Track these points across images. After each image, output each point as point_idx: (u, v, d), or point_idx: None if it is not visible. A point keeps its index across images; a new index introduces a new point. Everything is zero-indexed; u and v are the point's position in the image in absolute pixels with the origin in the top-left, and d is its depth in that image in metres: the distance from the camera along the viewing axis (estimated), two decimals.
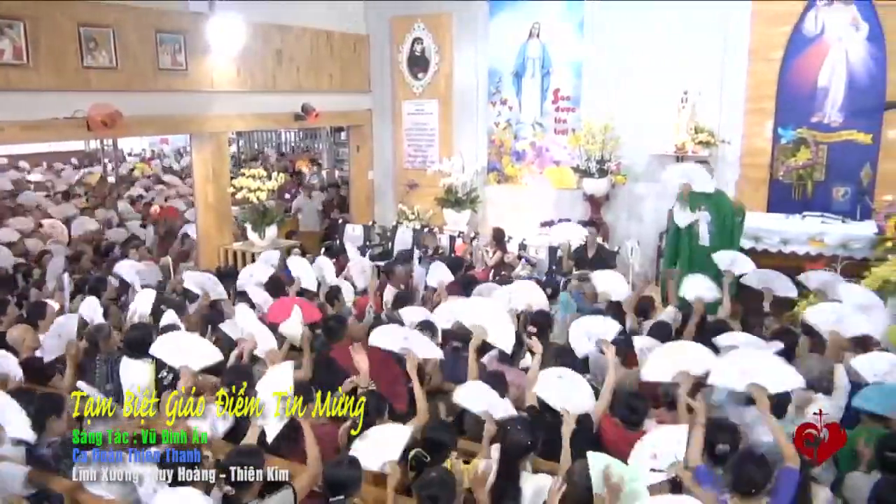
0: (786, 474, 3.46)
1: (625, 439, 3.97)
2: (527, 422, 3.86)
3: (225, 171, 9.40)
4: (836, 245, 7.67)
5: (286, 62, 9.89)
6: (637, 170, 9.83)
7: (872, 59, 8.46)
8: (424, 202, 10.94)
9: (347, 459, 3.46)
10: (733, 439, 3.76)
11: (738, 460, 3.47)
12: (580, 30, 10.02)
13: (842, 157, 8.69)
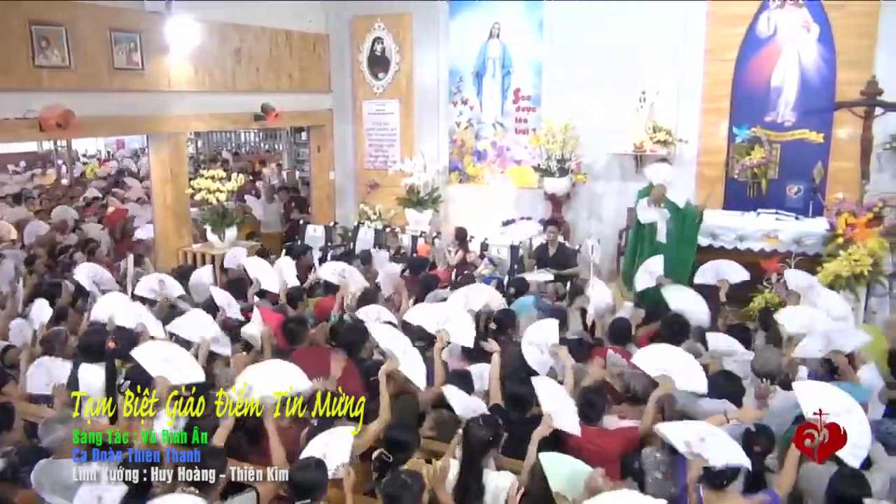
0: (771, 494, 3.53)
1: (585, 434, 4.01)
2: (488, 418, 3.87)
3: (183, 173, 9.27)
4: (790, 241, 7.85)
5: (245, 62, 9.78)
6: (597, 169, 9.94)
7: (823, 60, 8.66)
8: (386, 202, 10.91)
9: (314, 462, 3.44)
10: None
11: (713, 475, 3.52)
12: (539, 30, 10.09)
13: (794, 155, 8.88)
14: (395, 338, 4.78)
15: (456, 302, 5.78)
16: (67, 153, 15.75)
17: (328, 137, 11.65)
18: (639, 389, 4.43)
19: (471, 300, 5.84)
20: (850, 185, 8.07)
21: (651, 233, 7.30)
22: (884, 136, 8.19)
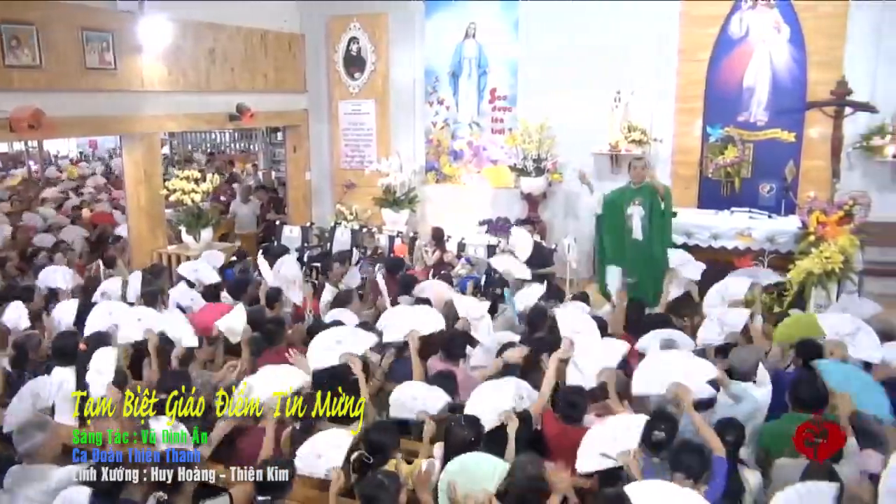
0: (717, 462, 3.60)
1: (565, 435, 4.03)
2: (470, 419, 3.87)
3: (157, 173, 9.19)
4: (763, 239, 7.94)
5: (220, 62, 9.71)
6: (573, 168, 9.97)
7: (794, 61, 8.79)
8: (363, 202, 10.89)
9: (281, 461, 3.43)
10: (670, 428, 3.86)
11: (676, 449, 3.57)
12: (515, 30, 10.13)
13: (767, 154, 9.00)
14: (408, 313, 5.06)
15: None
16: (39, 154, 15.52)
17: (304, 137, 11.60)
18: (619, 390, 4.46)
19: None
20: (822, 183, 8.18)
21: (626, 231, 7.36)
22: (853, 136, 8.32)
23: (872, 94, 7.94)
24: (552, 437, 4.12)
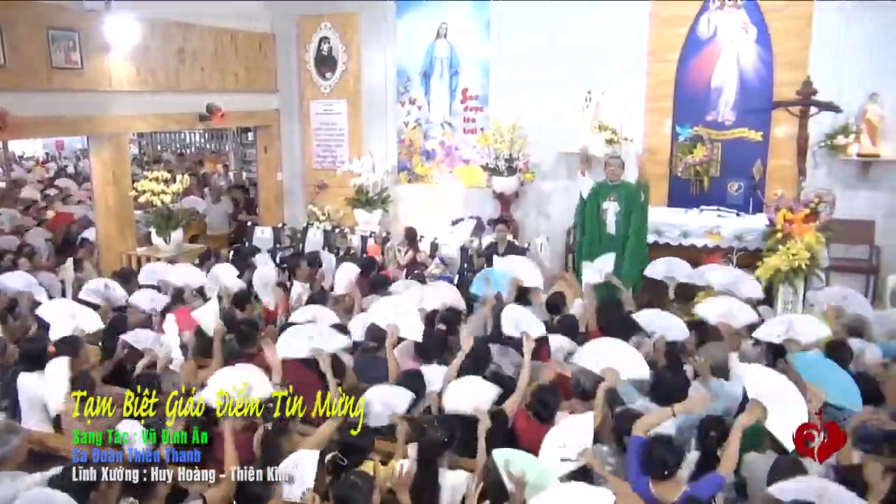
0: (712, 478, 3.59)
1: (538, 433, 4.05)
2: (443, 419, 3.88)
3: (126, 174, 9.08)
4: (732, 237, 8.07)
5: (189, 61, 9.62)
6: (545, 167, 10.06)
7: (761, 61, 8.92)
8: (335, 203, 10.86)
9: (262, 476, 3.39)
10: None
11: (649, 444, 3.61)
12: (486, 30, 10.16)
13: (735, 153, 9.12)
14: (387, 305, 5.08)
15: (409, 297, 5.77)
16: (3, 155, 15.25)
17: (275, 138, 11.53)
18: (588, 385, 4.49)
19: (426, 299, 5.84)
20: (788, 181, 8.31)
21: (600, 225, 7.45)
22: (819, 135, 8.46)
23: (837, 94, 8.06)
24: (525, 437, 4.14)
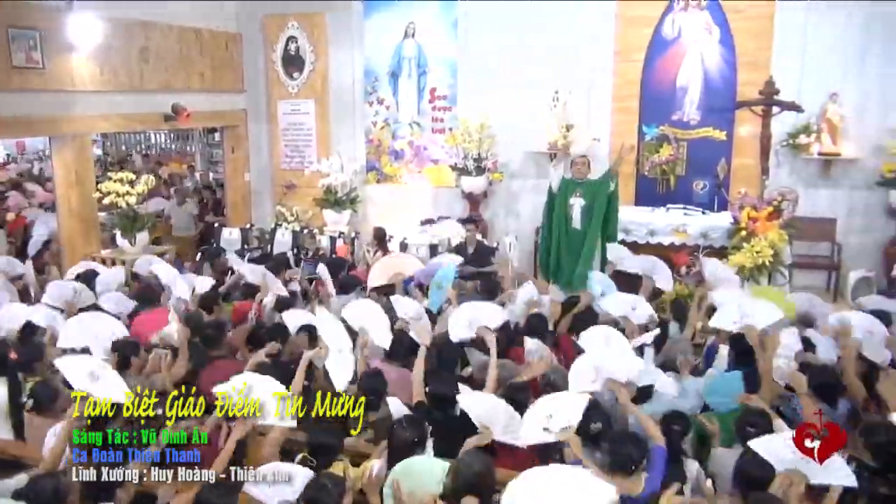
0: (656, 452, 3.69)
1: None
2: (412, 419, 3.88)
3: (89, 176, 8.93)
4: (698, 235, 8.19)
5: (153, 60, 9.49)
6: (513, 167, 10.11)
7: (724, 62, 9.07)
8: (303, 203, 10.79)
9: (226, 486, 3.34)
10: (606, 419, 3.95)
11: (615, 440, 3.65)
12: (454, 30, 10.17)
13: (700, 152, 9.26)
14: (338, 334, 4.80)
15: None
16: None
17: (242, 138, 11.43)
18: (559, 383, 4.52)
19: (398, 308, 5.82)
20: (752, 180, 8.45)
21: (567, 220, 7.54)
22: (781, 135, 8.61)
23: (798, 94, 8.22)
24: None
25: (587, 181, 7.59)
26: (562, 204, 7.63)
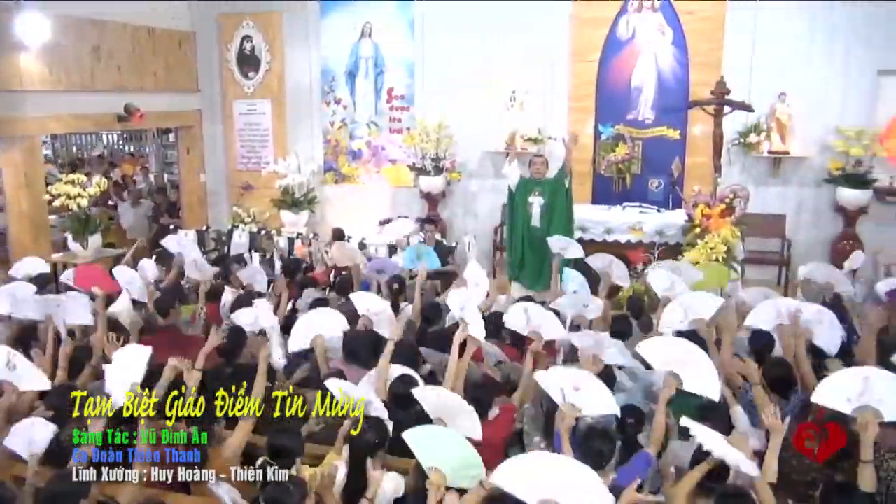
0: (640, 455, 3.70)
1: None
2: (373, 420, 3.87)
3: (39, 177, 8.74)
4: (653, 233, 8.34)
5: (105, 60, 9.30)
6: (471, 167, 10.15)
7: (677, 62, 9.24)
8: (260, 204, 10.70)
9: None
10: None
11: (585, 436, 3.68)
12: (411, 30, 10.17)
13: (655, 151, 9.42)
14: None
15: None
16: None
17: (197, 138, 11.28)
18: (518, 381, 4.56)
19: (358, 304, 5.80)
20: (705, 178, 8.61)
21: (527, 219, 7.61)
22: (732, 133, 8.80)
23: (748, 93, 8.41)
24: None
25: (545, 180, 7.68)
26: (521, 203, 7.71)
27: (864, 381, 3.61)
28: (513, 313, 5.08)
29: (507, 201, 8.00)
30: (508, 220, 8.00)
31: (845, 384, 3.66)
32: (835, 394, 3.67)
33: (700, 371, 3.98)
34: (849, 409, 3.60)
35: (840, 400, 3.63)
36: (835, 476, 3.61)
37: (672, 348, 4.13)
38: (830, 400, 3.68)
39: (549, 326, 4.94)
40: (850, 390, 3.61)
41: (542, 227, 7.57)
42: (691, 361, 4.01)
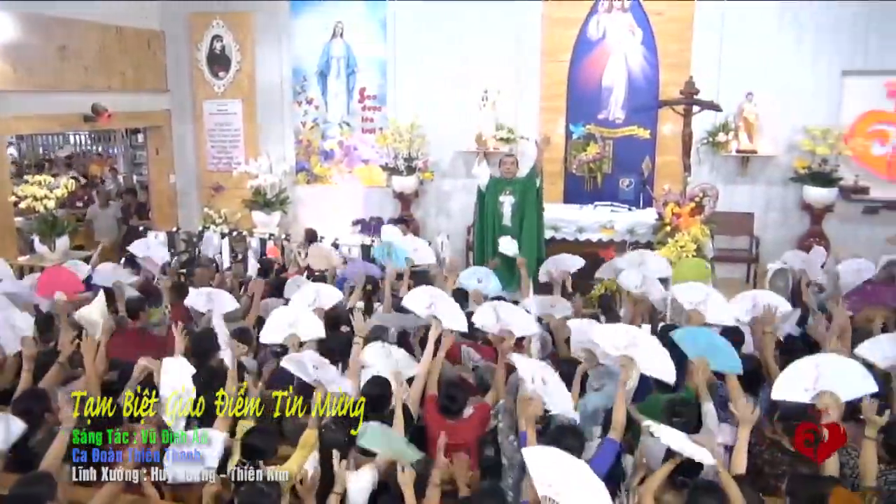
0: (606, 443, 3.72)
1: (445, 428, 4.07)
2: (341, 419, 3.86)
3: (5, 179, 8.58)
4: (624, 231, 8.40)
5: (72, 59, 9.16)
6: (443, 166, 10.17)
7: (647, 62, 9.34)
8: (232, 205, 10.62)
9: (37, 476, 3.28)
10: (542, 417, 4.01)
11: (555, 433, 3.70)
12: (383, 29, 10.16)
13: (625, 151, 9.52)
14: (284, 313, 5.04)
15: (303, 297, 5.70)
16: None
17: (167, 139, 11.15)
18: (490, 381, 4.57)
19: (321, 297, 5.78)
20: (675, 177, 8.69)
21: (498, 218, 7.65)
22: (701, 133, 8.91)
23: (717, 93, 8.52)
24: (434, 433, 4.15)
25: (516, 179, 7.74)
26: (492, 202, 7.75)
27: (816, 367, 3.74)
28: (482, 313, 5.09)
29: (476, 201, 8.03)
30: (478, 220, 8.04)
31: (799, 375, 3.78)
32: (792, 386, 3.79)
33: (654, 355, 4.09)
34: (807, 397, 3.72)
35: (798, 391, 3.75)
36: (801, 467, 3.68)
37: (626, 334, 4.21)
38: (789, 393, 3.78)
39: (518, 323, 4.96)
40: (806, 380, 3.73)
41: (513, 227, 7.63)
42: (645, 346, 4.11)
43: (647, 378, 4.43)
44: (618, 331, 4.29)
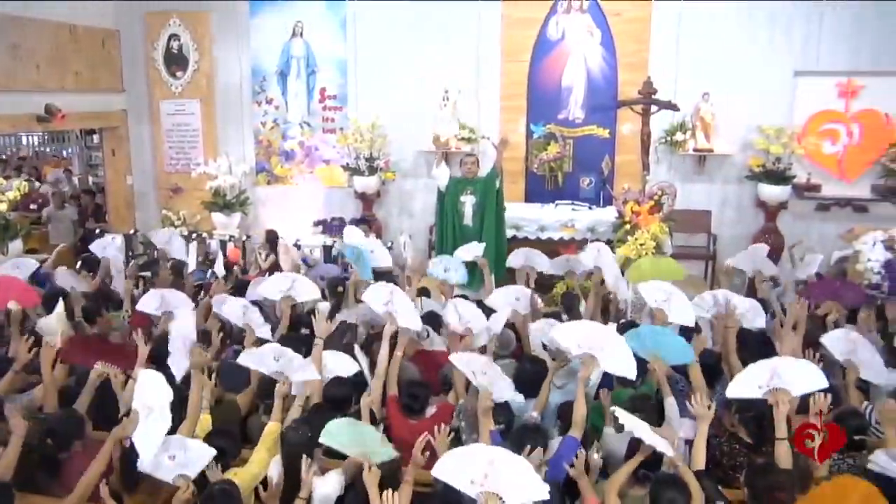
0: (566, 440, 3.77)
1: (408, 428, 4.11)
2: (304, 420, 3.84)
3: None
4: (585, 230, 8.52)
5: (24, 58, 8.95)
6: (405, 166, 10.16)
7: (606, 63, 9.45)
8: (191, 207, 10.48)
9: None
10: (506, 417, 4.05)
11: (519, 432, 3.74)
12: (343, 29, 10.11)
13: (585, 150, 9.62)
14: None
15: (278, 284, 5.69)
16: None
17: (123, 140, 10.96)
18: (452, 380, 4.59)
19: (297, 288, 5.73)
20: (634, 176, 8.81)
21: (459, 218, 7.68)
22: (659, 132, 9.04)
23: (674, 93, 8.64)
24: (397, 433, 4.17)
25: (477, 179, 7.79)
26: (452, 202, 7.80)
27: (772, 369, 3.83)
28: (447, 312, 5.15)
29: (437, 202, 8.06)
30: (438, 220, 8.07)
31: (754, 375, 3.88)
32: (746, 385, 3.88)
33: (616, 352, 4.14)
34: (760, 393, 3.81)
35: (752, 388, 3.84)
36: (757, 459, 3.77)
37: (587, 332, 4.27)
38: (743, 391, 3.88)
39: (479, 320, 5.02)
40: (760, 379, 3.83)
41: (474, 226, 7.69)
42: (607, 344, 4.16)
43: (609, 374, 4.47)
44: (580, 329, 4.34)
